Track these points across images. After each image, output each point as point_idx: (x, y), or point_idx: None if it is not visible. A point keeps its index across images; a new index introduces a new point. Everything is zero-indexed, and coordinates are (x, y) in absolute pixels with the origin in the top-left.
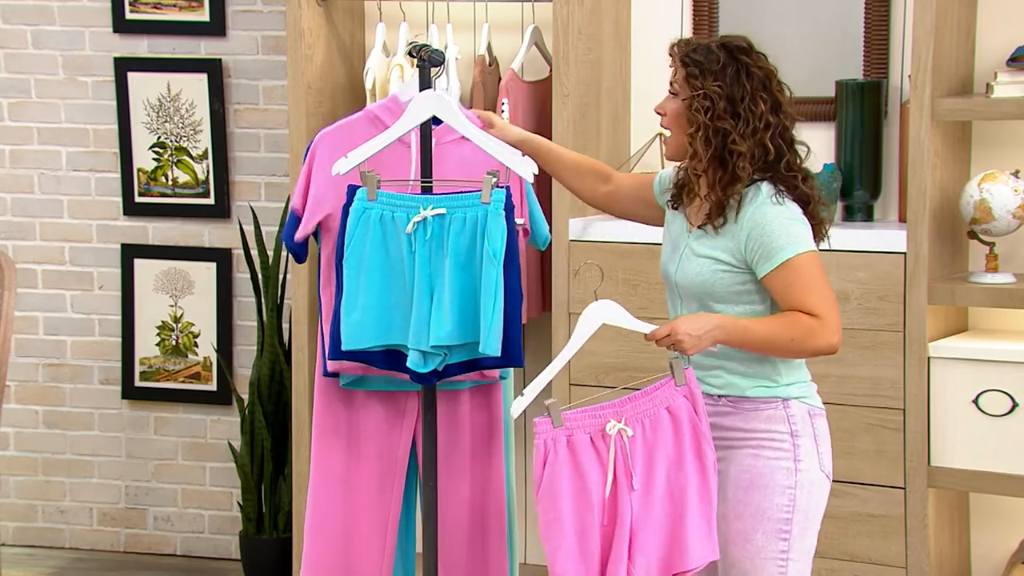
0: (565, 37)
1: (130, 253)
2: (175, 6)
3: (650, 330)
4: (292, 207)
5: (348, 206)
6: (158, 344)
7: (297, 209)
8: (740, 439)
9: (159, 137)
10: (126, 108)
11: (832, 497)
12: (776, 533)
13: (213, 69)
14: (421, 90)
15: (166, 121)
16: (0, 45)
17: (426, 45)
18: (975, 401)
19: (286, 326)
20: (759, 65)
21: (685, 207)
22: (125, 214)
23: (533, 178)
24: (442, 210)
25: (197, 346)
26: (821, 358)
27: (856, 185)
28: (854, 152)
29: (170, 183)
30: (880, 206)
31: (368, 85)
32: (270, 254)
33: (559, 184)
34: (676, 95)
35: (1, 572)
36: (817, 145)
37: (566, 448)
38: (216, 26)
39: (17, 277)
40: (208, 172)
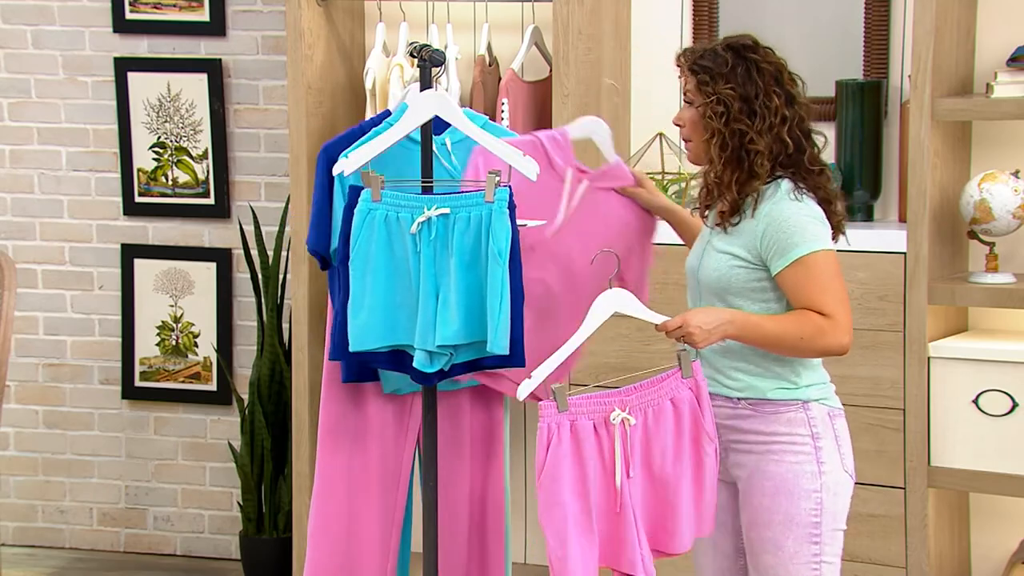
0: (565, 37)
1: (130, 253)
2: (175, 6)
3: (661, 321)
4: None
5: (352, 207)
6: (158, 344)
7: None
8: (761, 443)
9: (159, 137)
10: (126, 108)
11: None
12: (807, 538)
13: (213, 69)
14: (421, 90)
15: (166, 121)
16: (0, 45)
17: (426, 45)
18: (975, 401)
19: (286, 326)
20: (768, 60)
21: (711, 208)
22: (125, 214)
23: (536, 177)
24: (446, 210)
25: (197, 346)
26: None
27: (856, 185)
28: (854, 152)
29: (170, 183)
30: (880, 206)
31: (368, 85)
32: (270, 254)
33: None
34: (691, 104)
35: (1, 572)
36: None
37: (569, 433)
38: (216, 26)
39: (17, 277)
40: (208, 172)
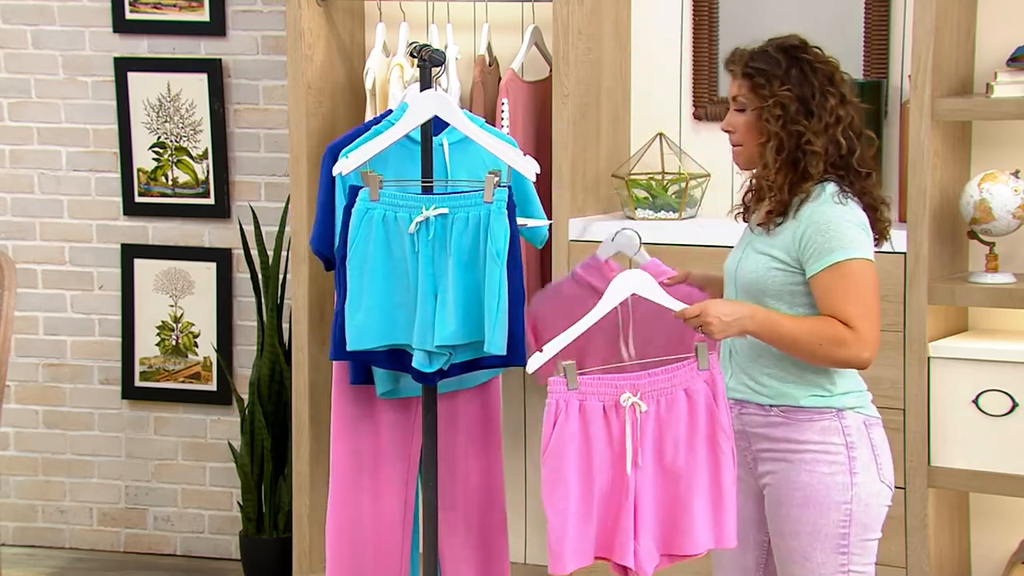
0: (565, 37)
1: (130, 253)
2: (175, 6)
3: (680, 308)
4: None
5: (350, 207)
6: (158, 344)
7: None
8: (793, 451)
9: (159, 137)
10: (126, 108)
11: None
12: (834, 549)
13: (213, 69)
14: (421, 90)
15: (166, 121)
16: (0, 45)
17: (426, 45)
18: (975, 401)
19: (286, 326)
20: (821, 60)
21: (752, 212)
22: (125, 214)
23: (535, 177)
24: (444, 210)
25: (197, 346)
26: None
27: None
28: None
29: (170, 183)
30: None
31: (368, 85)
32: (270, 254)
33: (559, 182)
34: (742, 109)
35: (1, 572)
36: None
37: (577, 412)
38: (216, 26)
39: (17, 277)
40: (208, 172)
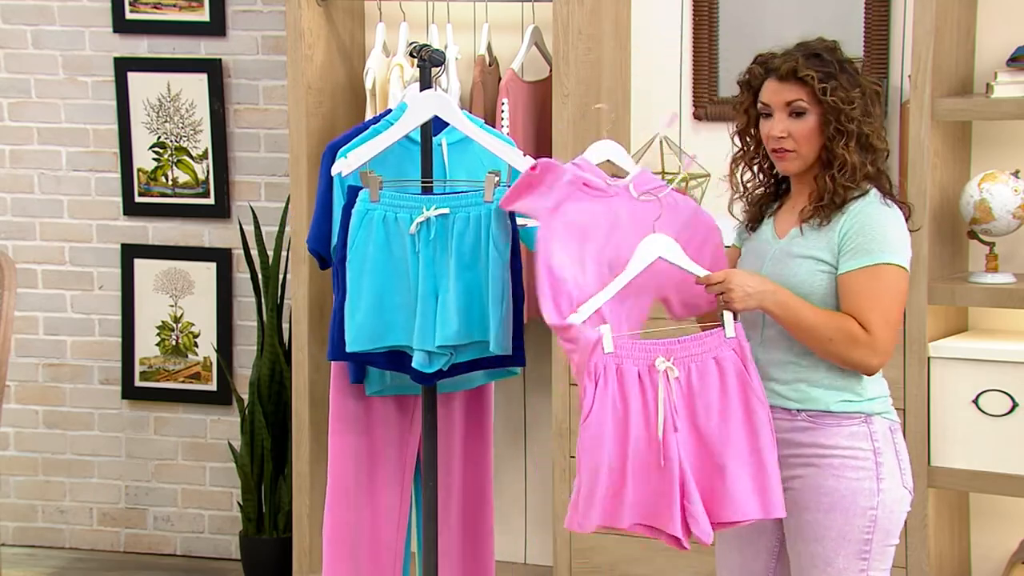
0: (565, 37)
1: (130, 253)
2: (175, 6)
3: (704, 274)
4: None
5: (349, 207)
6: (158, 344)
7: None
8: (820, 456)
9: (159, 137)
10: (126, 108)
11: None
12: (857, 554)
13: (213, 69)
14: (421, 90)
15: (166, 121)
16: (0, 45)
17: (426, 45)
18: (975, 401)
19: (286, 326)
20: (848, 59)
21: (766, 221)
22: (125, 214)
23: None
24: (445, 210)
25: (197, 346)
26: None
27: None
28: None
29: (170, 183)
30: None
31: (368, 85)
32: (270, 254)
33: None
34: (801, 113)
35: (1, 572)
36: None
37: (615, 375)
38: (216, 26)
39: (17, 277)
40: (208, 172)
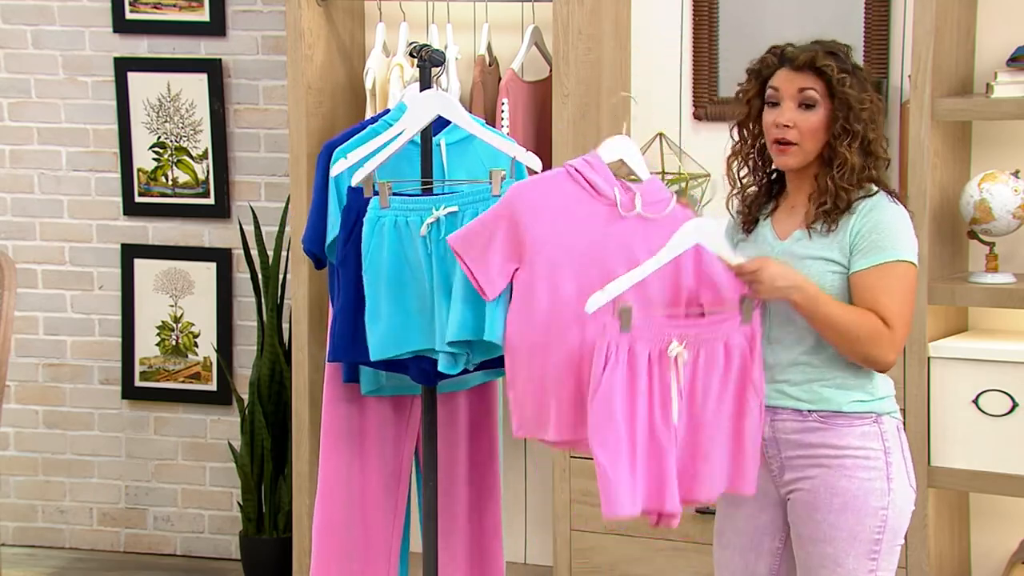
0: (565, 37)
1: (130, 253)
2: (175, 6)
3: (738, 262)
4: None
5: (352, 210)
6: (158, 344)
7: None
8: (831, 457)
9: (159, 137)
10: (126, 108)
11: None
12: (866, 554)
13: (213, 69)
14: (421, 90)
15: (166, 121)
16: (0, 45)
17: (426, 45)
18: (975, 401)
19: (286, 326)
20: (862, 68)
21: (762, 222)
22: (125, 214)
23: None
24: (454, 208)
25: (197, 346)
26: None
27: None
28: None
29: (170, 183)
30: None
31: (368, 85)
32: (270, 254)
33: None
34: (812, 105)
35: (1, 572)
36: None
37: (627, 355)
38: (216, 26)
39: (17, 277)
40: (208, 172)
